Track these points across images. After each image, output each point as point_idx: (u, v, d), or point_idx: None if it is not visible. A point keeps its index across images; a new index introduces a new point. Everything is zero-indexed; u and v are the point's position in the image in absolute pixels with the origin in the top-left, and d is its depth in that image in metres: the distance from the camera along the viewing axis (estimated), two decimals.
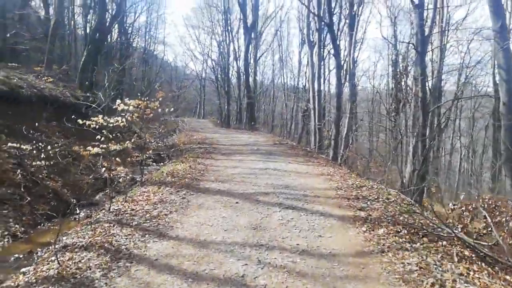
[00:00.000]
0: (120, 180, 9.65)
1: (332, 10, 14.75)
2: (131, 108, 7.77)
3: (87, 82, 15.16)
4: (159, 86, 11.21)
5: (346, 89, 19.77)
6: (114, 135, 8.13)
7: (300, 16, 31.40)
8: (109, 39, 27.47)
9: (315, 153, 14.19)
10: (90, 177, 9.53)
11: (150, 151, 15.17)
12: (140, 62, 35.16)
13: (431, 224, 5.44)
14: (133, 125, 18.28)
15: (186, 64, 45.29)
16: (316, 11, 16.36)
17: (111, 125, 7.64)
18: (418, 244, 4.63)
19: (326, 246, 4.58)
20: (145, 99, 8.17)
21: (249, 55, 26.55)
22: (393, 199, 7.03)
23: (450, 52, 26.03)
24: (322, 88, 19.25)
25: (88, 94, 13.81)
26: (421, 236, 4.95)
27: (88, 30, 20.32)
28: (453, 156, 30.19)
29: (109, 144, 7.62)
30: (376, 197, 7.00)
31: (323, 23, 15.87)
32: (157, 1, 34.82)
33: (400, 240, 4.73)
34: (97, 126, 7.44)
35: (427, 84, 11.98)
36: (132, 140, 10.58)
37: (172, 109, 10.18)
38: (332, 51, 18.67)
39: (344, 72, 19.00)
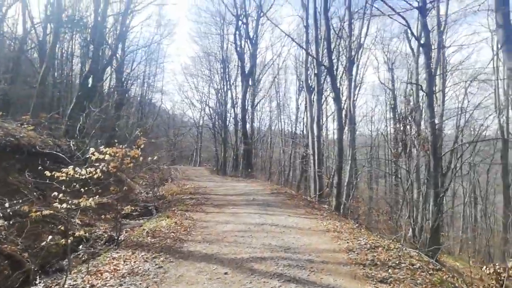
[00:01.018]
0: (93, 239, 8.26)
1: (332, 53, 14.16)
2: (107, 157, 6.63)
3: (77, 130, 14.20)
4: (141, 131, 9.99)
5: (345, 135, 18.93)
6: (87, 187, 6.95)
7: (297, 63, 31.53)
8: (104, 87, 27.12)
9: (316, 202, 12.89)
10: (55, 238, 8.13)
11: (136, 205, 13.94)
12: (136, 109, 34.73)
13: None
14: (122, 174, 17.06)
15: (184, 112, 44.93)
16: (314, 55, 15.87)
17: (83, 176, 6.49)
18: None
19: None
20: (123, 146, 7.06)
21: (246, 101, 26.04)
22: (418, 264, 5.69)
23: (448, 97, 25.59)
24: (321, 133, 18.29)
25: (72, 142, 12.77)
26: None
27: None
28: (455, 202, 28.81)
29: (81, 199, 6.40)
30: (397, 262, 5.66)
31: (322, 67, 15.30)
32: (157, 51, 34.97)
33: None
34: (67, 178, 6.29)
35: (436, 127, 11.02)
36: (115, 191, 9.38)
37: (156, 157, 9.02)
38: (331, 95, 18.03)
39: (344, 117, 18.21)
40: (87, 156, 6.86)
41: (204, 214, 9.75)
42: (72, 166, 6.40)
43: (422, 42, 10.45)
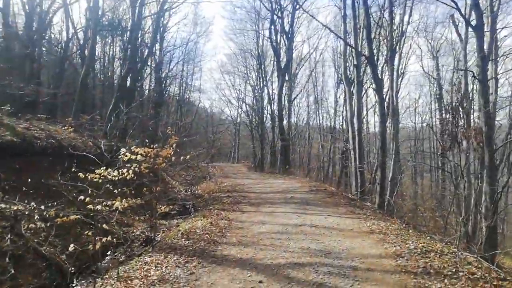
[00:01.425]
0: (131, 239, 8.20)
1: (372, 42, 13.27)
2: (139, 157, 6.46)
3: (115, 131, 14.48)
4: (171, 130, 9.78)
5: (388, 128, 17.86)
6: (119, 189, 6.84)
7: (335, 56, 30.48)
8: (145, 87, 27.71)
9: (358, 200, 12.16)
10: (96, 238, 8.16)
11: (175, 203, 13.93)
12: (176, 109, 35.28)
13: None
14: (160, 173, 17.25)
15: (222, 109, 45.14)
16: (353, 45, 15.03)
17: (115, 177, 6.38)
18: None
19: None
20: (155, 146, 6.86)
21: (282, 96, 25.49)
22: (479, 272, 4.96)
23: (500, 84, 23.42)
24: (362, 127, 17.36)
25: (112, 143, 12.96)
26: None
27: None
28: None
29: (115, 200, 6.29)
30: (453, 270, 4.97)
31: (362, 57, 14.45)
32: (194, 50, 35.28)
33: None
34: (99, 180, 6.21)
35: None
36: (150, 191, 9.32)
37: (188, 156, 8.80)
38: (372, 87, 17.04)
39: (386, 109, 17.18)
40: (119, 156, 6.69)
41: (240, 213, 9.42)
42: (104, 167, 6.30)
43: (473, 24, 9.38)
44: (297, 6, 23.25)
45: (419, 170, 32.68)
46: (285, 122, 27.03)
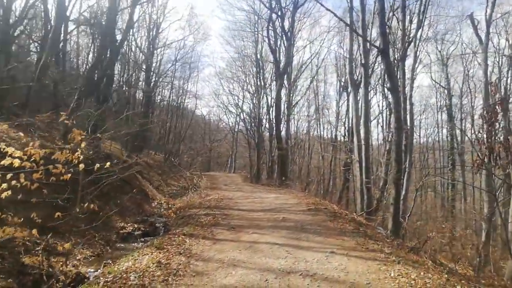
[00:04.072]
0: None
1: (386, 30, 10.51)
2: (15, 162, 3.76)
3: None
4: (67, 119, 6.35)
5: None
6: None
7: (337, 63, 27.96)
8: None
9: (367, 225, 9.34)
10: None
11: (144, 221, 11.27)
12: (171, 115, 32.73)
13: None
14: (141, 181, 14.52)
15: (220, 117, 42.39)
16: (360, 41, 12.42)
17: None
18: None
19: None
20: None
21: (280, 102, 22.80)
22: None
23: None
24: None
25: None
26: None
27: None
28: None
29: None
30: None
31: (370, 55, 11.80)
32: (190, 53, 32.70)
33: None
34: None
35: None
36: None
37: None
38: (386, 86, 14.33)
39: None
40: None
41: (211, 243, 6.67)
42: None
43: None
44: (299, 4, 20.78)
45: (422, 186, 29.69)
46: (283, 130, 24.36)
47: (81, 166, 4.23)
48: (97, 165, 4.55)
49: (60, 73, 11.77)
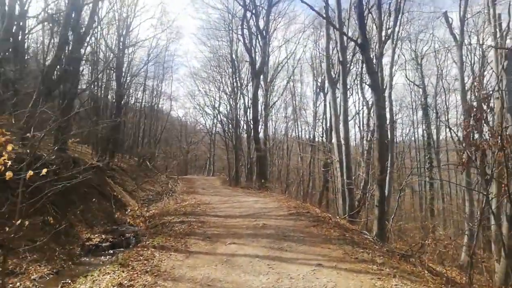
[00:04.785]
0: None
1: (364, 24, 10.08)
2: None
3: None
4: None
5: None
6: None
7: (313, 64, 27.62)
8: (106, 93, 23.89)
9: (352, 229, 8.77)
10: None
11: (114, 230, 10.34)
12: (145, 117, 31.45)
13: None
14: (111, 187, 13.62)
15: (196, 119, 41.23)
16: (337, 38, 11.92)
17: None
18: None
19: None
20: None
21: (258, 103, 22.13)
22: None
23: None
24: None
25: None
26: None
27: None
28: None
29: None
30: None
31: (348, 51, 11.31)
32: (164, 53, 31.52)
33: None
34: None
35: None
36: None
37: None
38: (366, 82, 13.92)
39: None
40: None
41: (183, 257, 5.89)
42: None
43: None
44: (273, 2, 20.19)
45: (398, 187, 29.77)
46: (261, 132, 23.72)
47: (8, 174, 3.38)
48: (30, 172, 3.68)
49: (18, 71, 10.59)
